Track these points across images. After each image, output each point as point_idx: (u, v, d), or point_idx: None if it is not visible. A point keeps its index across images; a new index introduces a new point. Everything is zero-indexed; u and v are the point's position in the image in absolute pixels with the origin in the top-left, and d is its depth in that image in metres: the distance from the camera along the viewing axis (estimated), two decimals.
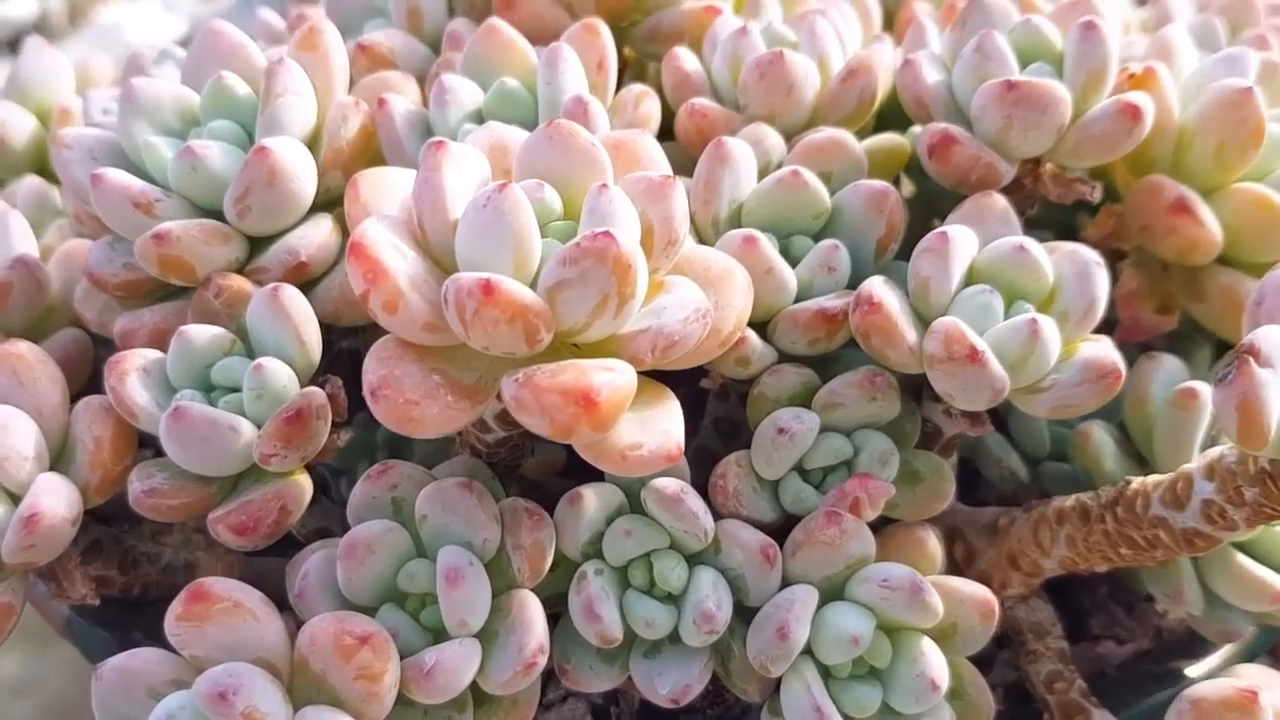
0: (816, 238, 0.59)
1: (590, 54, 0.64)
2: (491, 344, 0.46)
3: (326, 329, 0.59)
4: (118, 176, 0.59)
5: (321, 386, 0.58)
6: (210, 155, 0.60)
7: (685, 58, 0.65)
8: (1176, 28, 0.66)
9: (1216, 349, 0.67)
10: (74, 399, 0.68)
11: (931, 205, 0.70)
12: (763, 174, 0.60)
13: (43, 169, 0.96)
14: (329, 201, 0.63)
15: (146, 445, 0.60)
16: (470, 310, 0.45)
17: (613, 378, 0.46)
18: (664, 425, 0.49)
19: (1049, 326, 0.51)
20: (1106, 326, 0.58)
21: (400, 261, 0.47)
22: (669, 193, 0.50)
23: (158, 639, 0.50)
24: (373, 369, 0.48)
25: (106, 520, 0.66)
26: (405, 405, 0.47)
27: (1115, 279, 0.65)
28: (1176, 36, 0.65)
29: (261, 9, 0.95)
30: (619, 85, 0.75)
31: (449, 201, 0.49)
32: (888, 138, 0.65)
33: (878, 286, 0.53)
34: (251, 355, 0.58)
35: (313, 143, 0.63)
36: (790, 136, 0.63)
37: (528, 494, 0.64)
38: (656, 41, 0.72)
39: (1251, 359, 0.43)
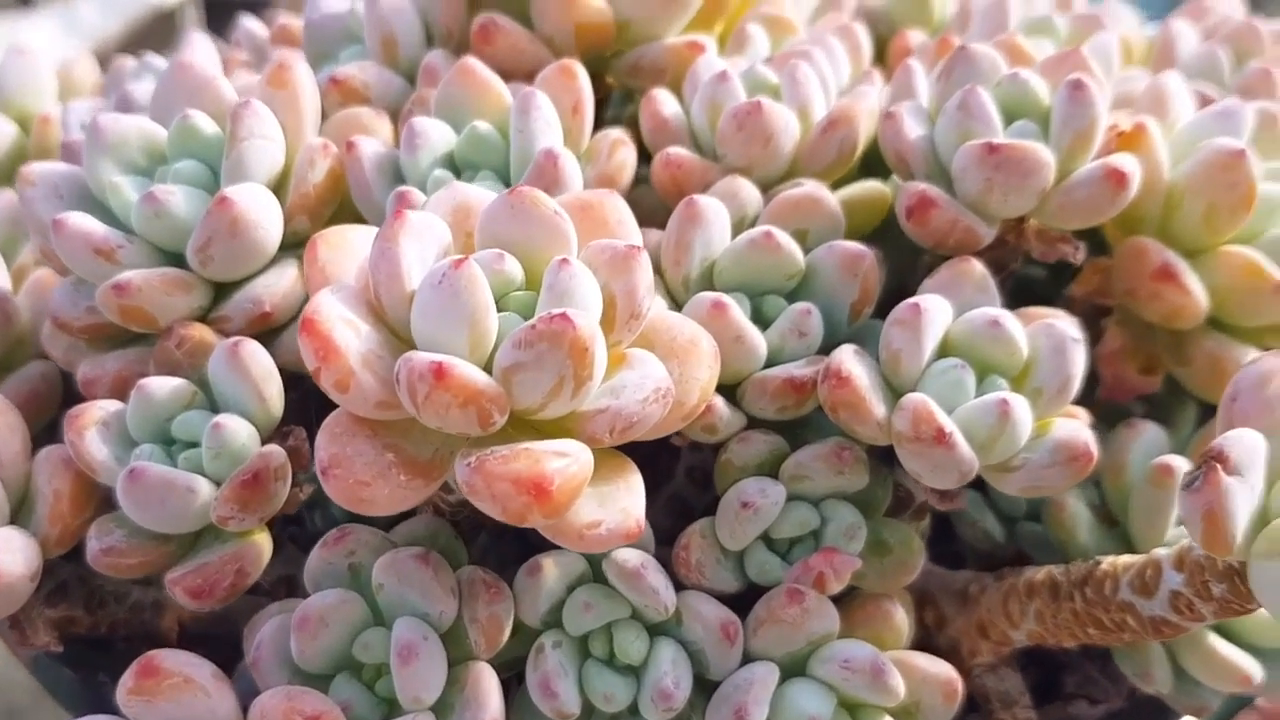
0: (789, 297, 0.57)
1: (566, 97, 0.62)
2: (444, 425, 0.45)
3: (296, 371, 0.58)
4: (79, 222, 0.58)
5: (284, 439, 0.58)
6: (173, 201, 0.59)
7: (664, 101, 0.63)
8: (1173, 76, 0.64)
9: (1201, 409, 0.65)
10: (43, 432, 0.68)
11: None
12: (738, 228, 0.59)
13: None
14: (296, 244, 0.62)
15: (110, 496, 0.59)
16: (422, 394, 0.44)
17: (566, 464, 0.45)
18: (623, 502, 0.48)
19: (1020, 406, 0.50)
20: (1089, 383, 0.57)
21: (353, 339, 0.46)
22: (633, 265, 0.49)
23: None
24: (324, 446, 0.47)
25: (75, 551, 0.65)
26: (356, 485, 0.46)
27: (1099, 335, 0.64)
28: (1172, 86, 0.63)
29: (246, 17, 0.94)
30: (601, 113, 0.74)
31: (405, 274, 0.47)
32: (868, 186, 0.63)
33: (847, 359, 0.52)
34: (213, 408, 0.58)
35: (280, 186, 0.62)
36: (768, 187, 0.61)
37: (494, 543, 0.64)
38: (638, 77, 0.70)
39: (1219, 466, 0.41)
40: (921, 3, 0.80)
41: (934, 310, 0.52)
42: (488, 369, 0.46)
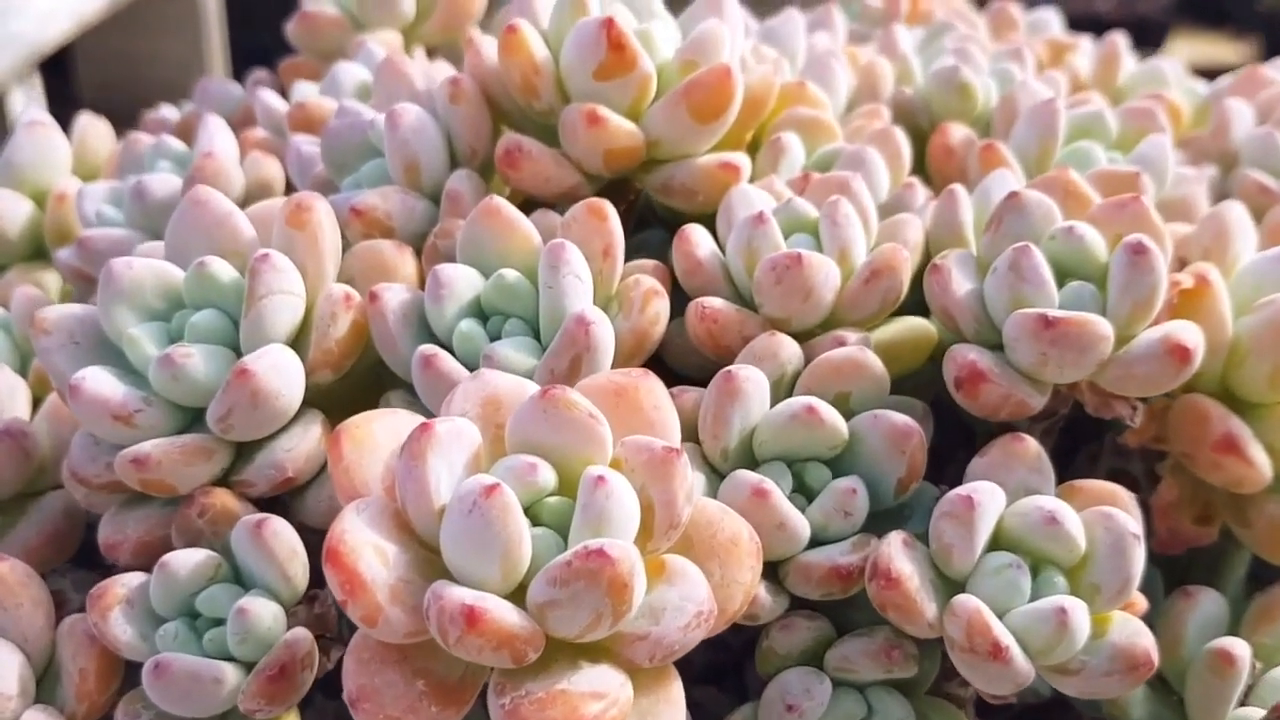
0: (832, 464, 0.55)
1: (596, 240, 0.59)
2: (477, 660, 0.44)
3: None
4: (96, 388, 0.56)
5: (311, 604, 0.56)
6: (191, 364, 0.57)
7: (698, 242, 0.61)
8: (1234, 207, 0.61)
9: (1256, 558, 0.63)
10: (68, 563, 0.67)
11: None
12: (777, 386, 0.56)
13: (38, 253, 0.94)
14: (319, 396, 0.60)
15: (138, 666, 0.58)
16: (454, 635, 0.43)
17: (604, 707, 0.43)
18: (663, 718, 0.47)
19: (1079, 613, 0.48)
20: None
21: (380, 570, 0.44)
22: (673, 471, 0.47)
23: None
24: (351, 675, 0.45)
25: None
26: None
27: (1154, 482, 0.62)
28: (1233, 217, 0.60)
29: (265, 93, 0.91)
30: (629, 217, 0.72)
31: (433, 493, 0.46)
32: (911, 326, 0.61)
33: (896, 556, 0.50)
34: (238, 579, 0.56)
35: (301, 337, 0.59)
36: (807, 337, 0.59)
37: None
38: (669, 195, 0.67)
39: None
40: (963, 93, 0.76)
41: (987, 503, 0.50)
42: (521, 593, 0.45)
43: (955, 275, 0.56)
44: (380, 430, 0.51)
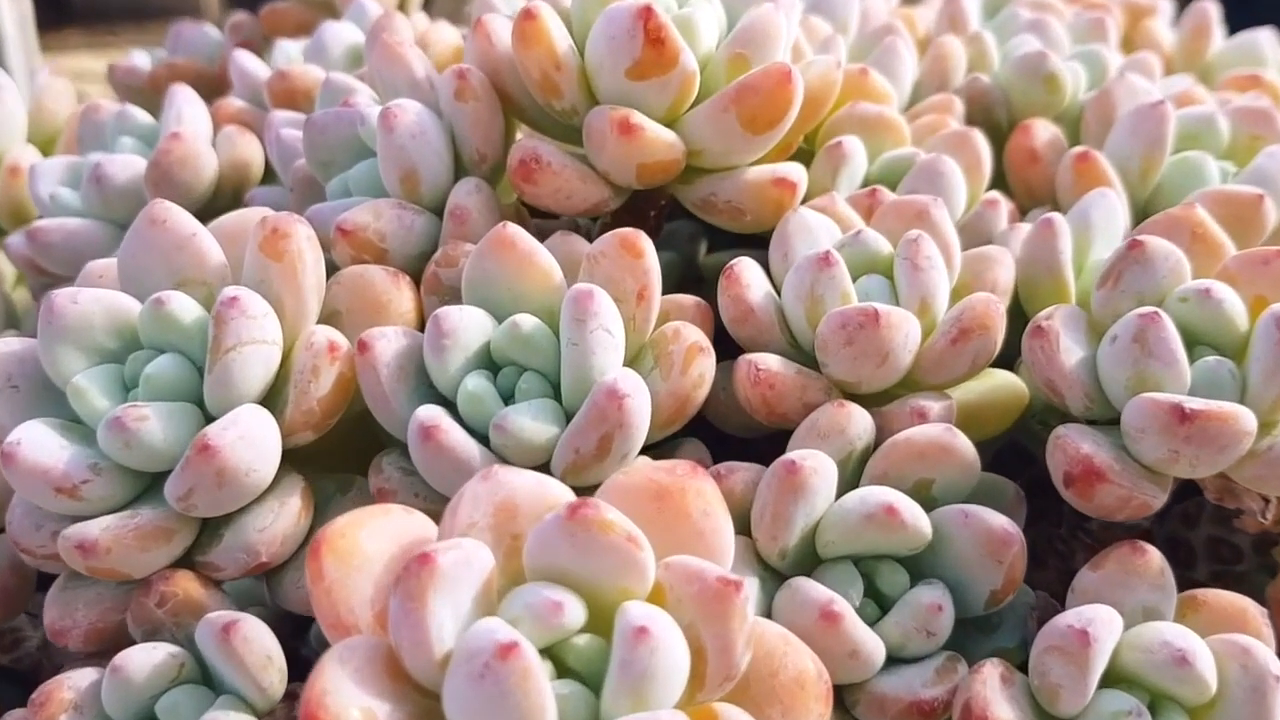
0: (908, 565, 0.46)
1: (629, 279, 0.50)
2: None
3: None
4: (33, 455, 0.47)
5: (290, 707, 0.48)
6: (146, 429, 0.47)
7: (749, 283, 0.51)
8: None
9: None
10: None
11: None
12: (843, 466, 0.47)
13: None
14: (296, 457, 0.51)
15: None
16: None
17: None
18: None
19: None
20: None
21: None
22: (730, 610, 0.38)
23: None
24: None
25: None
26: None
27: (1262, 555, 0.53)
28: None
29: (242, 55, 0.80)
30: (657, 234, 0.62)
31: (435, 640, 0.37)
32: (1001, 388, 0.52)
33: (993, 700, 0.41)
34: (204, 678, 0.48)
35: (276, 391, 0.50)
36: (878, 400, 0.50)
37: None
38: (711, 213, 0.57)
39: None
40: (1050, 84, 0.66)
41: (1104, 637, 0.41)
42: None
43: (1063, 341, 0.47)
44: (369, 540, 0.41)
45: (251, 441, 0.47)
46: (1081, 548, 0.56)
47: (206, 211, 0.74)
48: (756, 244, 0.68)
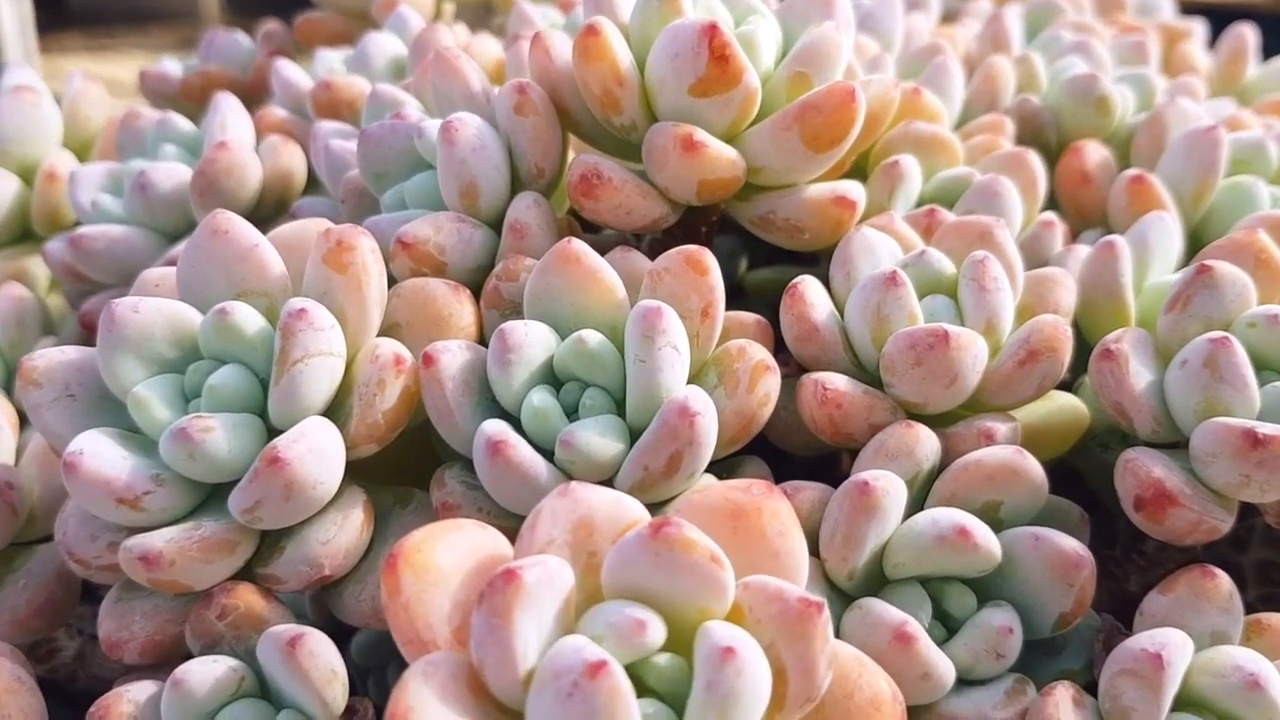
0: (977, 587, 0.46)
1: (694, 296, 0.50)
2: None
3: None
4: (95, 466, 0.47)
5: (350, 717, 0.48)
6: (211, 440, 0.47)
7: (813, 302, 0.51)
8: None
9: None
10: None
11: None
12: (911, 486, 0.47)
13: (27, 233, 0.84)
14: (359, 469, 0.51)
15: None
16: None
17: None
18: None
19: None
20: None
21: None
22: (813, 632, 0.38)
23: None
24: None
25: None
26: None
27: None
28: None
29: (284, 64, 0.80)
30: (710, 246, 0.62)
31: (520, 657, 0.36)
32: (1063, 410, 0.52)
33: None
34: (264, 693, 0.47)
35: (340, 402, 0.50)
36: (943, 421, 0.49)
37: None
38: (769, 230, 0.57)
39: None
40: (1101, 106, 0.66)
41: (1177, 661, 0.41)
42: None
43: (1133, 365, 0.47)
44: (444, 555, 0.41)
45: (319, 454, 0.47)
46: (1135, 569, 0.56)
47: (251, 220, 0.74)
48: (797, 260, 0.68)
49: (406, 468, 0.55)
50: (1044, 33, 0.79)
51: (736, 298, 0.75)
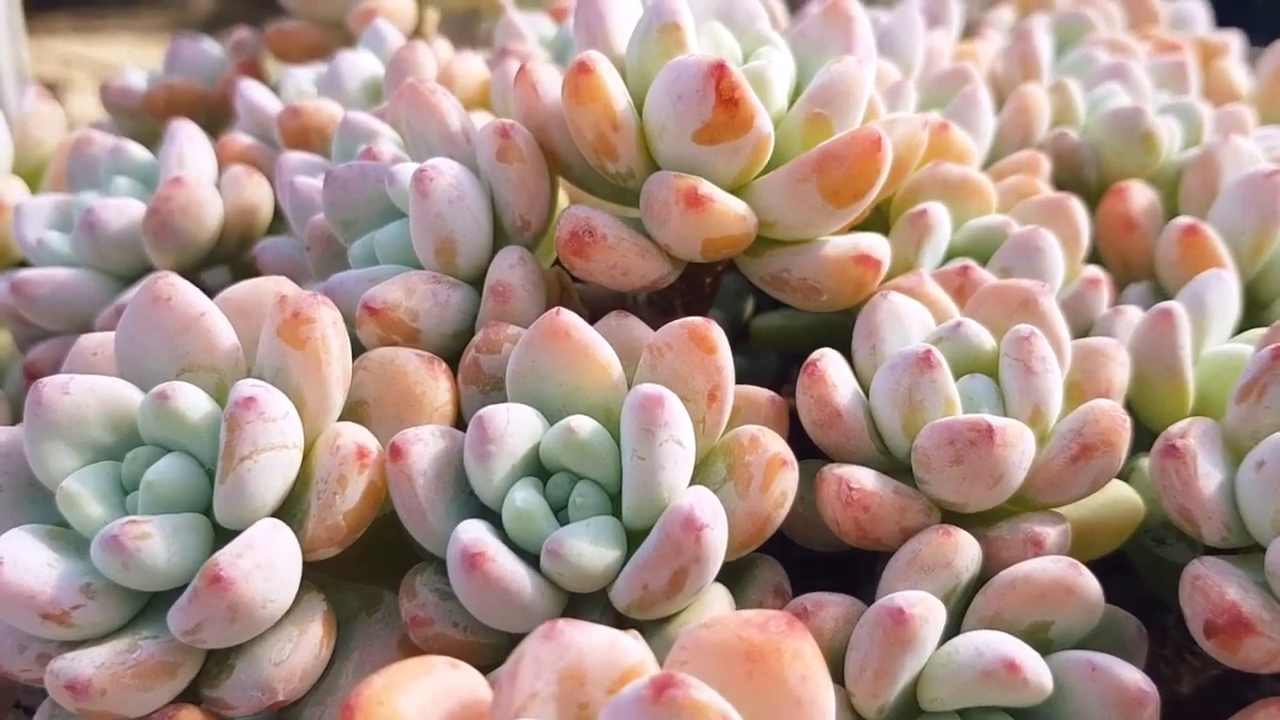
0: (1019, 715, 0.40)
1: (699, 377, 0.44)
2: None
3: None
4: (18, 579, 0.41)
5: None
6: (148, 549, 0.41)
7: (835, 383, 0.45)
8: None
9: None
10: None
11: None
12: (948, 600, 0.41)
13: None
14: (318, 575, 0.45)
15: None
16: None
17: None
18: None
19: None
20: None
21: None
22: None
23: None
24: None
25: None
26: None
27: None
28: None
29: (249, 86, 0.73)
30: (712, 298, 0.56)
31: None
32: (1116, 500, 0.46)
33: None
34: None
35: (296, 498, 0.44)
36: (983, 521, 0.44)
37: None
38: (783, 290, 0.51)
39: None
40: (1146, 144, 0.60)
41: None
42: None
43: (1201, 464, 0.41)
44: (410, 704, 0.35)
45: (269, 569, 0.41)
46: (1188, 670, 0.50)
47: (210, 260, 0.68)
48: None
49: (377, 559, 0.49)
50: (1076, 51, 0.73)
51: (742, 341, 0.70)
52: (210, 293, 0.70)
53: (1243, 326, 0.53)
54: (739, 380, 0.67)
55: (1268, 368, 0.41)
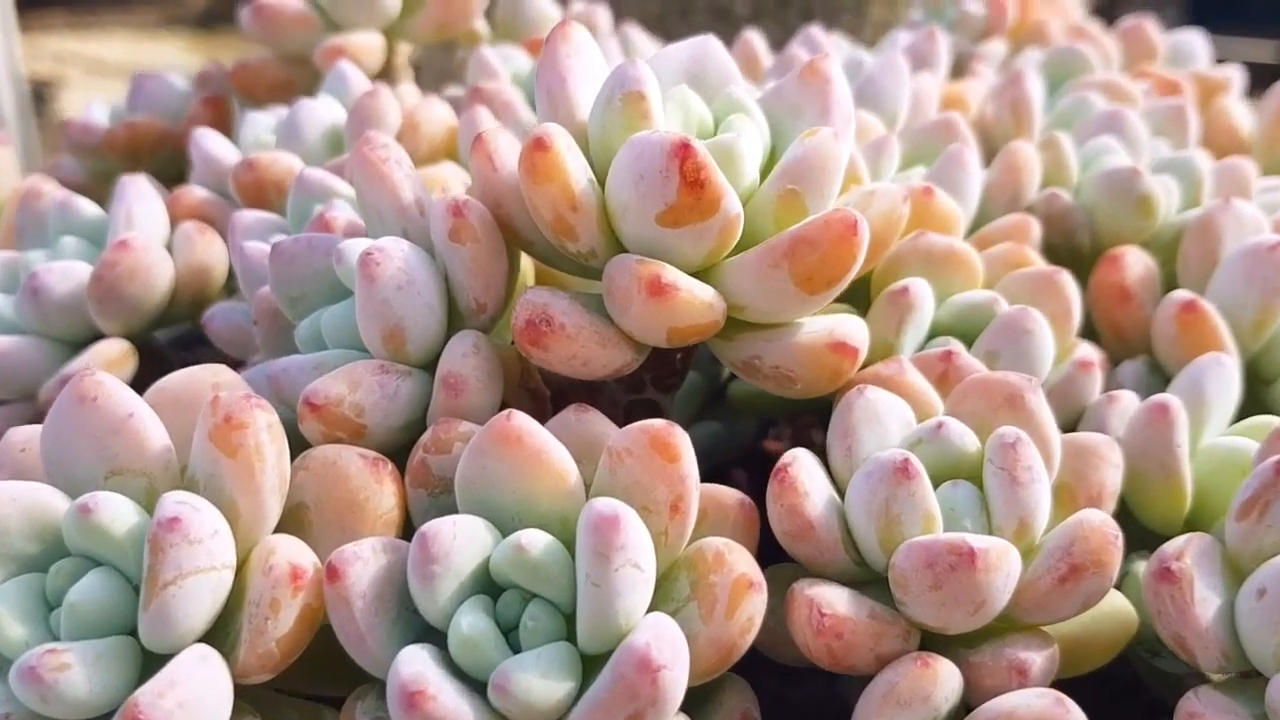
0: None
1: (661, 486, 0.41)
2: None
3: None
4: None
5: None
6: (67, 679, 0.38)
7: (807, 490, 0.42)
8: None
9: None
10: None
11: None
12: None
13: None
14: (252, 704, 0.42)
15: None
16: None
17: None
18: None
19: None
20: None
21: None
22: None
23: None
24: None
25: None
26: None
27: None
28: None
29: (204, 135, 0.70)
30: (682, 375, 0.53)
31: None
32: (1107, 614, 0.43)
33: None
34: None
35: (227, 620, 0.41)
36: (965, 644, 0.41)
37: None
38: (755, 376, 0.48)
39: None
40: (1143, 207, 0.57)
41: None
42: None
43: (1198, 589, 0.38)
44: None
45: (195, 706, 0.38)
46: None
47: (161, 322, 0.65)
48: None
49: (323, 659, 0.46)
50: (1069, 96, 0.69)
51: (719, 403, 0.67)
52: (164, 352, 0.67)
53: (1244, 405, 0.50)
54: (716, 448, 0.64)
55: (1270, 484, 0.38)
